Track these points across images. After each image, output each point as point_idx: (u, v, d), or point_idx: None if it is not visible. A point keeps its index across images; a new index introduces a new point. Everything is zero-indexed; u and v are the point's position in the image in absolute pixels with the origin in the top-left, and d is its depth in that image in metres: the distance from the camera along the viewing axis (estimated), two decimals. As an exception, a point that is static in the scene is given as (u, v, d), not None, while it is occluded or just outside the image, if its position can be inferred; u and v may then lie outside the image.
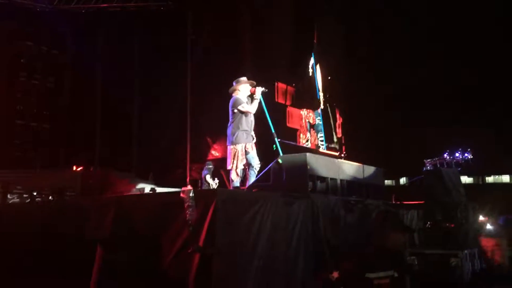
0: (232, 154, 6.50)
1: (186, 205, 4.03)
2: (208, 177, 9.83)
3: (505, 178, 13.44)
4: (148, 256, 4.26)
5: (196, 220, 3.99)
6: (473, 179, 13.20)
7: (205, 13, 15.32)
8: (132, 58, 16.48)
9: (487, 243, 7.17)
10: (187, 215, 4.00)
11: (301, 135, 11.61)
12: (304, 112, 11.79)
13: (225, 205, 4.10)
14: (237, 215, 4.22)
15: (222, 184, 9.47)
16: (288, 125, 11.45)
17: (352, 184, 6.43)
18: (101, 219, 4.67)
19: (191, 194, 4.05)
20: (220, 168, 10.22)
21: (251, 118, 6.75)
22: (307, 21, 12.80)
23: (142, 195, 6.75)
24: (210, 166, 10.34)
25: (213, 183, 9.56)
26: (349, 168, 6.52)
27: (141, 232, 4.40)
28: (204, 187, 9.56)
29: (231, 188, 6.65)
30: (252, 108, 6.71)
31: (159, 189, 8.00)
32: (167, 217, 4.28)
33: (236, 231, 4.16)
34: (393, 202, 7.52)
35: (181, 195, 4.12)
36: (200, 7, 15.36)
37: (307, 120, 11.76)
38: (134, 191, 8.74)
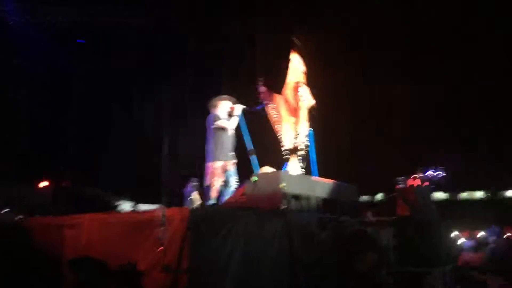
0: (211, 171, 6.45)
1: (158, 223, 3.99)
2: (193, 194, 9.73)
3: (479, 194, 13.73)
4: (120, 276, 4.18)
5: (168, 239, 3.95)
6: (448, 195, 13.41)
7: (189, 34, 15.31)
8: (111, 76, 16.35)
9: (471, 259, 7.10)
10: (159, 234, 3.96)
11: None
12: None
13: (198, 224, 4.08)
14: (210, 234, 4.18)
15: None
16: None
17: (327, 202, 6.46)
18: (74, 238, 4.58)
19: (163, 213, 4.01)
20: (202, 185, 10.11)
21: (231, 135, 6.68)
22: (287, 34, 12.88)
23: (114, 213, 6.67)
24: (196, 183, 10.17)
25: (198, 200, 9.46)
26: (323, 186, 6.55)
27: (113, 251, 4.33)
28: (189, 204, 9.45)
29: (206, 205, 6.61)
30: (231, 124, 6.64)
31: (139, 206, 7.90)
32: (139, 236, 4.23)
33: (209, 250, 4.12)
34: (369, 219, 7.57)
35: (153, 213, 4.08)
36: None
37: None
38: (110, 209, 8.62)
